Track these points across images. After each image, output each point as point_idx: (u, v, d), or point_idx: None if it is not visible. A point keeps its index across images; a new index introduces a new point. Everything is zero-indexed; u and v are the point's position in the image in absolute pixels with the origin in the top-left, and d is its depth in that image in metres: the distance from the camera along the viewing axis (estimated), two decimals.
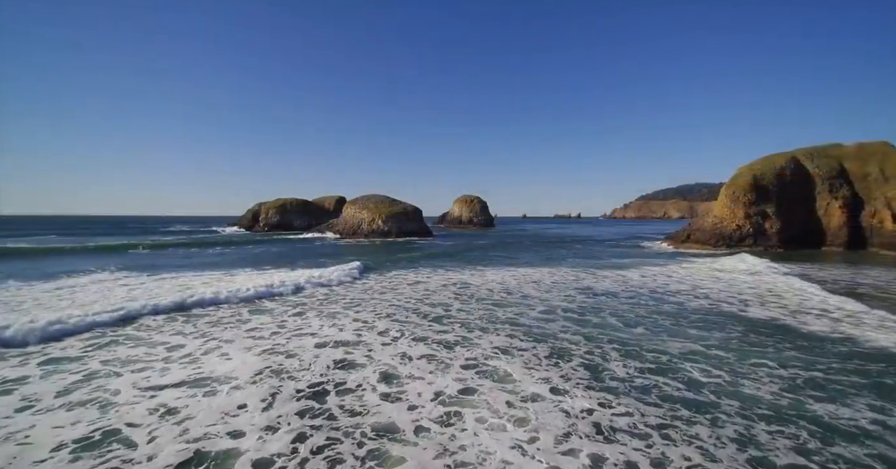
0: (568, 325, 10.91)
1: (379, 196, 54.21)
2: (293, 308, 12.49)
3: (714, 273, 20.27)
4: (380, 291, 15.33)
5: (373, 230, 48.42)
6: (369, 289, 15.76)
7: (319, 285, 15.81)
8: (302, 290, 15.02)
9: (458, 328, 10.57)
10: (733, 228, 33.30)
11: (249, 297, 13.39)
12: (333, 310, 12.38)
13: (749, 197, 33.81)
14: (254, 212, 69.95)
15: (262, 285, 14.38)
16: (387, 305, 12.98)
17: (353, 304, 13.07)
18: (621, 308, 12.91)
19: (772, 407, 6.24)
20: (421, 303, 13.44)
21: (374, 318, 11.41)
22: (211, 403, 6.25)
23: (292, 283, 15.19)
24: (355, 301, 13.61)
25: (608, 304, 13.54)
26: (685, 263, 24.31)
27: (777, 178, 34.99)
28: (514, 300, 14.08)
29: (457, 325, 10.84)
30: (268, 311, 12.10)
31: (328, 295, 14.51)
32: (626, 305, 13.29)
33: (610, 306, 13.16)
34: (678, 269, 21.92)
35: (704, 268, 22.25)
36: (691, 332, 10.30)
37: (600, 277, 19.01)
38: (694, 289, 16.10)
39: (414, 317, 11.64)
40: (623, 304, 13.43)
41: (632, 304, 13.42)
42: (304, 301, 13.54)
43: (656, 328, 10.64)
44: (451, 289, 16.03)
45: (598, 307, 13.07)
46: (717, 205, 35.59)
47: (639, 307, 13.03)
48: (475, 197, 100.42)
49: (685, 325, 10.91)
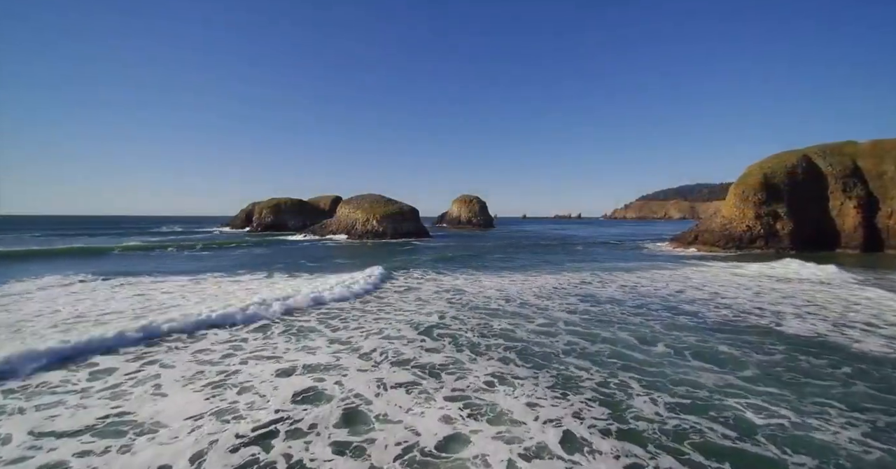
0: (574, 343, 9.38)
1: (374, 195, 52.63)
2: (250, 333, 10.85)
3: (733, 278, 18.72)
4: (363, 300, 13.78)
5: (367, 231, 46.84)
6: (350, 297, 14.20)
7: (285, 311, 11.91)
8: (269, 309, 11.59)
9: (448, 346, 9.04)
10: (743, 229, 31.78)
11: (201, 322, 10.36)
12: (304, 325, 10.82)
13: (759, 196, 32.29)
14: (247, 212, 68.39)
15: (218, 310, 10.90)
16: (371, 318, 11.39)
17: (329, 317, 11.49)
18: (632, 321, 11.36)
19: (860, 465, 4.69)
20: (412, 314, 11.87)
21: (351, 336, 9.85)
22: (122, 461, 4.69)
23: (257, 305, 11.50)
24: (331, 313, 12.03)
25: (616, 315, 12.01)
26: (697, 267, 22.78)
27: (788, 177, 33.49)
28: (511, 309, 12.55)
29: (447, 342, 9.30)
30: (220, 333, 10.53)
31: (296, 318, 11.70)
32: (638, 317, 11.75)
33: (619, 318, 11.62)
34: (690, 273, 20.37)
35: (720, 272, 20.70)
36: (723, 352, 8.74)
37: (605, 283, 17.47)
38: (713, 297, 14.56)
39: (400, 332, 10.08)
40: (634, 316, 11.88)
41: (644, 316, 11.88)
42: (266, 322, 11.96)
43: (679, 347, 9.09)
44: (445, 296, 14.48)
45: (605, 319, 11.54)
46: (725, 205, 34.08)
47: (653, 319, 11.48)
48: (474, 197, 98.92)
49: (714, 343, 9.36)
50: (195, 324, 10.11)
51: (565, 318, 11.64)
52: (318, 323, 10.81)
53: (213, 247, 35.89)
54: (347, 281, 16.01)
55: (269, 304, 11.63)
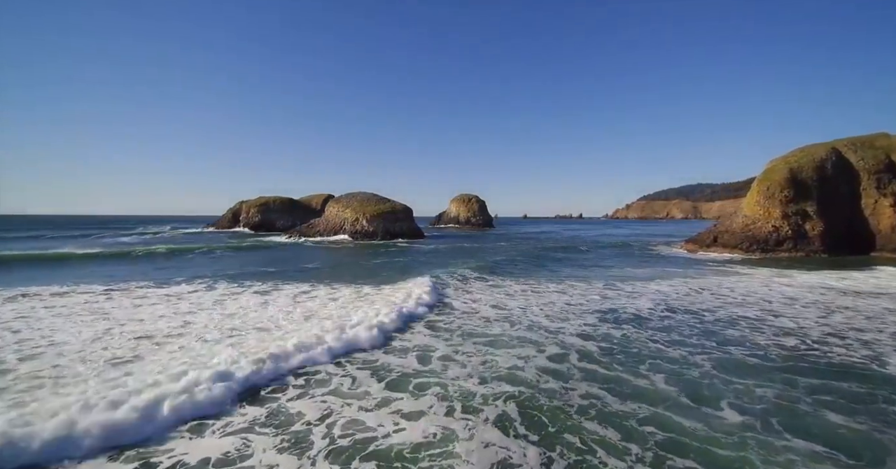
0: (593, 396, 6.37)
1: (365, 194, 49.53)
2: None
3: (780, 288, 15.57)
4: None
5: (356, 231, 43.74)
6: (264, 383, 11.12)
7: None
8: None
9: (437, 404, 6.03)
10: (769, 230, 28.63)
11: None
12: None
13: (786, 194, 29.13)
14: (234, 211, 65.37)
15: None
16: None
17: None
18: (668, 354, 8.33)
19: None
20: (387, 340, 8.83)
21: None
22: None
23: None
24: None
25: (645, 344, 8.97)
26: (726, 274, 19.66)
27: (817, 172, 30.33)
28: (517, 334, 9.47)
29: (433, 395, 6.28)
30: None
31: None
32: (674, 348, 8.71)
33: (649, 349, 8.59)
34: (722, 282, 17.25)
35: (757, 281, 17.57)
36: (832, 422, 5.66)
37: (623, 295, 14.39)
38: (763, 316, 11.47)
39: (361, 388, 7.00)
40: (668, 346, 8.83)
41: (681, 346, 8.83)
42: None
43: (755, 409, 6.04)
44: (428, 315, 11.40)
45: (632, 350, 8.54)
46: (747, 203, 30.93)
47: (696, 352, 8.43)
48: (473, 196, 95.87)
49: (803, 397, 6.35)
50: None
51: (579, 346, 8.69)
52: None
53: (173, 252, 30.04)
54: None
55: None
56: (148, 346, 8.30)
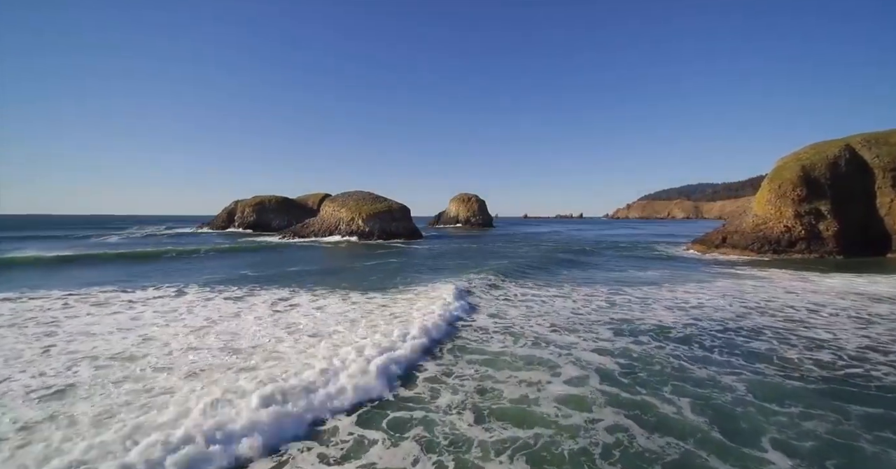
0: (619, 428, 5.23)
1: (362, 193, 48.27)
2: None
3: (804, 295, 14.28)
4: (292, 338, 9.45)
5: (352, 231, 42.47)
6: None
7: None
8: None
9: (423, 458, 4.76)
10: (781, 230, 27.38)
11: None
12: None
13: (799, 192, 27.89)
14: (229, 210, 64.10)
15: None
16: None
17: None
18: (695, 374, 7.19)
19: None
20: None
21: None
22: None
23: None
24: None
25: (667, 361, 7.78)
26: (740, 278, 18.42)
27: (830, 170, 29.07)
28: (522, 352, 8.23)
29: (418, 440, 5.03)
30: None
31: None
32: (700, 366, 7.56)
33: (673, 368, 7.43)
34: (739, 286, 16.00)
35: (776, 285, 16.32)
36: None
37: (636, 302, 13.14)
38: (793, 327, 10.23)
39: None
40: (693, 363, 7.66)
41: (708, 364, 7.67)
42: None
43: (806, 448, 4.86)
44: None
45: (654, 369, 7.38)
46: (757, 202, 29.68)
47: (725, 372, 7.29)
48: (473, 195, 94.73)
49: (857, 429, 5.15)
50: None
51: (597, 365, 7.54)
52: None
53: (151, 255, 26.70)
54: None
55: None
56: (84, 376, 6.92)
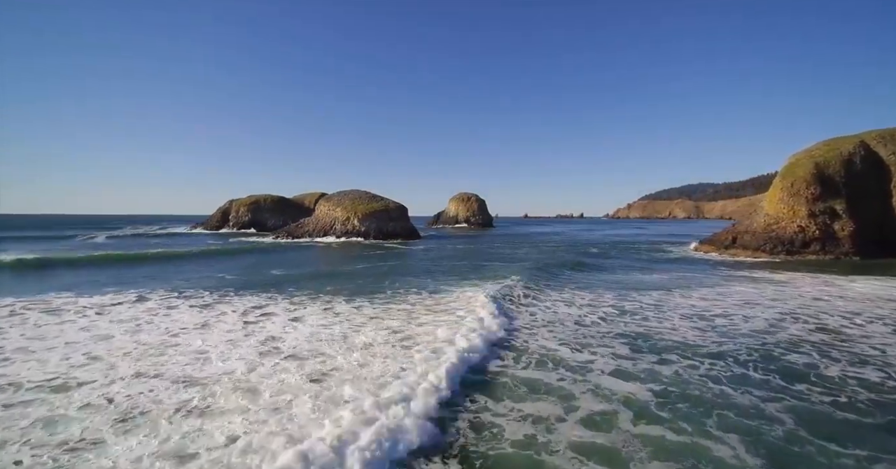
0: None
1: (358, 192, 47.01)
2: None
3: (835, 301, 12.98)
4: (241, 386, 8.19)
5: (347, 231, 41.22)
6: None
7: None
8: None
9: None
10: (794, 230, 26.13)
11: None
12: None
13: (813, 191, 26.64)
14: (224, 210, 62.84)
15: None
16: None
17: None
18: (735, 399, 6.01)
19: None
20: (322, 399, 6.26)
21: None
22: None
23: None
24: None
25: (704, 384, 6.56)
26: (758, 281, 17.18)
27: (845, 168, 27.81)
28: (525, 375, 6.97)
29: None
30: None
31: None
32: (738, 387, 6.45)
33: (713, 392, 6.23)
34: (761, 291, 14.75)
35: (799, 290, 15.06)
36: None
37: (649, 309, 11.89)
38: (831, 337, 8.99)
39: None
40: (731, 385, 6.52)
41: (744, 383, 6.58)
42: None
43: None
44: (401, 351, 8.91)
45: (692, 395, 6.18)
46: (769, 201, 28.42)
47: (764, 393, 6.22)
48: (472, 195, 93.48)
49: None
50: None
51: (626, 394, 6.24)
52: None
53: (124, 259, 24.44)
54: None
55: None
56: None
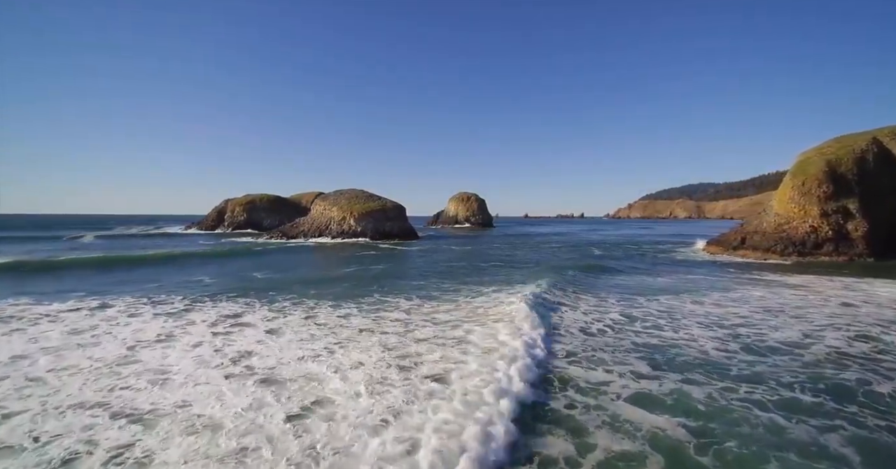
0: None
1: (355, 191, 45.96)
2: None
3: (866, 307, 11.96)
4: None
5: (343, 231, 40.18)
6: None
7: None
8: None
9: None
10: (806, 231, 25.09)
11: None
12: None
13: (825, 189, 25.59)
14: (219, 210, 61.81)
15: None
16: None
17: None
18: (789, 432, 5.06)
19: None
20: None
21: None
22: None
23: None
24: None
25: (750, 411, 5.50)
26: (774, 285, 16.14)
27: (857, 166, 26.76)
28: (525, 397, 5.88)
29: None
30: None
31: None
32: (789, 414, 5.45)
33: (761, 422, 5.20)
34: (778, 295, 13.70)
35: (821, 296, 14.01)
36: None
37: (660, 316, 10.85)
38: (871, 352, 7.94)
39: None
40: (780, 412, 5.47)
41: (794, 409, 5.56)
42: None
43: None
44: (398, 370, 7.87)
45: (740, 432, 5.06)
46: (778, 200, 27.37)
47: (820, 423, 5.19)
48: (472, 194, 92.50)
49: None
50: None
51: (653, 429, 5.14)
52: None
53: (101, 262, 22.54)
54: None
55: None
56: None
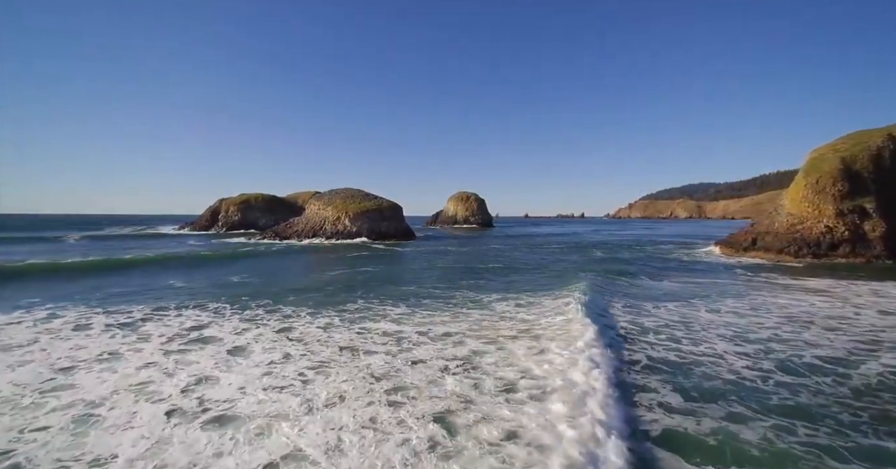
0: None
1: (350, 190, 44.79)
2: None
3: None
4: None
5: (337, 231, 38.99)
6: None
7: None
8: None
9: None
10: (821, 231, 23.90)
11: None
12: None
13: (840, 188, 24.43)
14: (214, 210, 60.63)
15: None
16: None
17: None
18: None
19: None
20: None
21: None
22: None
23: None
24: None
25: (822, 461, 4.25)
26: (794, 290, 14.96)
27: (873, 163, 25.61)
28: (529, 435, 4.72)
29: None
30: None
31: None
32: (880, 465, 4.07)
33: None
34: (803, 302, 12.54)
35: (848, 302, 12.84)
36: None
37: (678, 328, 9.68)
38: None
39: None
40: (860, 463, 4.18)
41: (873, 459, 4.18)
42: None
43: None
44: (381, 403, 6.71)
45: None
46: (791, 199, 26.19)
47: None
48: (472, 194, 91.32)
49: None
50: None
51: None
52: None
53: (60, 268, 20.38)
54: None
55: None
56: None
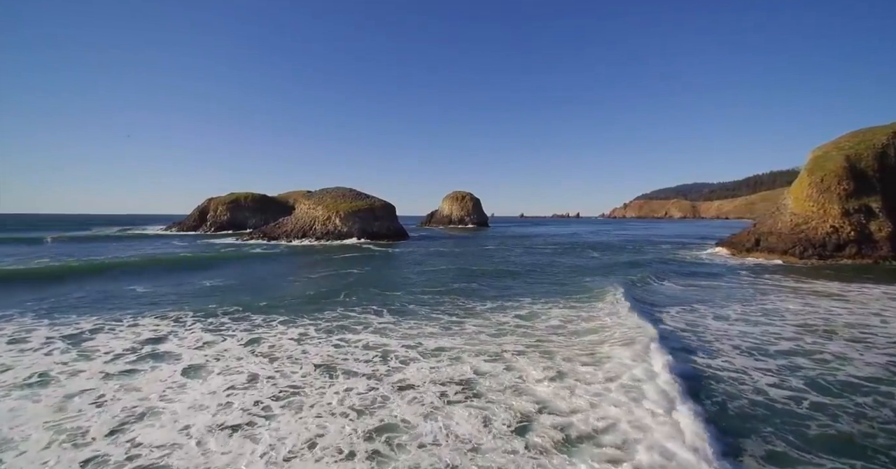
0: None
1: (341, 189, 43.62)
2: None
3: None
4: None
5: (328, 231, 37.82)
6: None
7: None
8: None
9: None
10: (826, 231, 23.11)
11: None
12: None
13: (845, 186, 23.68)
14: (202, 209, 59.14)
15: None
16: None
17: None
18: None
19: None
20: None
21: None
22: None
23: None
24: None
25: None
26: (804, 293, 14.07)
27: (878, 161, 24.93)
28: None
29: None
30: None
31: None
32: None
33: None
34: (818, 308, 11.61)
35: (867, 308, 11.94)
36: None
37: (689, 338, 8.67)
38: None
39: None
40: None
41: None
42: None
43: None
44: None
45: None
46: (794, 197, 25.40)
47: None
48: (467, 193, 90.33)
49: None
50: None
51: None
52: None
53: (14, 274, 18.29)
54: None
55: None
56: None
